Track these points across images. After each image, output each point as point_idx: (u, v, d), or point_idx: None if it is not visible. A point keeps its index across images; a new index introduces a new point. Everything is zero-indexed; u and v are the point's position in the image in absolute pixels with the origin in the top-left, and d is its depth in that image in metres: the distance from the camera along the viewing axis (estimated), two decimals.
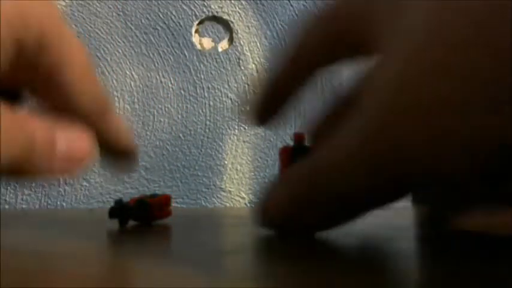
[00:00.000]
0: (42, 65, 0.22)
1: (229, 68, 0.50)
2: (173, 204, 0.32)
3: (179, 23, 0.49)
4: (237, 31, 0.50)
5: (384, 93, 0.18)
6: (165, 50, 0.49)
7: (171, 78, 0.49)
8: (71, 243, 0.23)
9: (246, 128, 0.50)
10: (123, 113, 0.48)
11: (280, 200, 0.22)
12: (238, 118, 0.50)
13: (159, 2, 0.49)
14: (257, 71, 0.50)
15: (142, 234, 0.26)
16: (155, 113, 0.49)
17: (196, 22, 0.49)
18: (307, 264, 0.18)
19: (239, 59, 0.50)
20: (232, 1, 0.49)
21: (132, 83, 0.49)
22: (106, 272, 0.17)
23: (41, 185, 0.47)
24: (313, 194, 0.21)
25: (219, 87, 0.50)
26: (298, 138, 0.27)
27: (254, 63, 0.50)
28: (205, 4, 0.49)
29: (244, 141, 0.50)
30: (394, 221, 0.28)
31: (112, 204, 0.29)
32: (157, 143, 0.49)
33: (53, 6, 0.22)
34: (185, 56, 0.49)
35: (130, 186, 0.48)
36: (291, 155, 0.26)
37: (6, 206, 0.47)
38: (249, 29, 0.50)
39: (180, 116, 0.49)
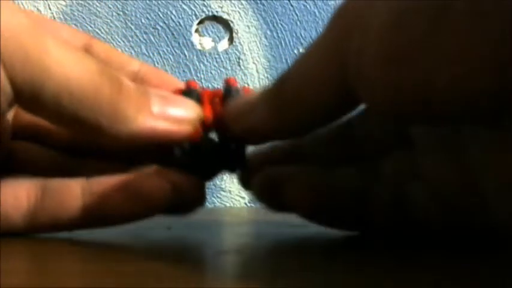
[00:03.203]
0: None
1: (229, 68, 0.50)
2: None
3: (179, 22, 0.49)
4: (237, 31, 0.50)
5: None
6: (165, 50, 0.49)
7: None
8: (69, 242, 0.23)
9: None
10: None
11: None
12: None
13: (159, 2, 0.49)
14: (257, 71, 0.50)
15: (140, 233, 0.26)
16: None
17: (196, 22, 0.49)
18: (308, 263, 0.18)
19: (239, 59, 0.50)
20: (232, 1, 0.49)
21: None
22: (104, 272, 0.17)
23: None
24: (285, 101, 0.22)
25: (219, 87, 0.50)
26: (228, 82, 0.25)
27: (254, 63, 0.50)
28: (205, 4, 0.49)
29: None
30: None
31: None
32: None
33: None
34: (185, 55, 0.49)
35: None
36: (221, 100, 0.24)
37: None
38: (249, 29, 0.50)
39: None
